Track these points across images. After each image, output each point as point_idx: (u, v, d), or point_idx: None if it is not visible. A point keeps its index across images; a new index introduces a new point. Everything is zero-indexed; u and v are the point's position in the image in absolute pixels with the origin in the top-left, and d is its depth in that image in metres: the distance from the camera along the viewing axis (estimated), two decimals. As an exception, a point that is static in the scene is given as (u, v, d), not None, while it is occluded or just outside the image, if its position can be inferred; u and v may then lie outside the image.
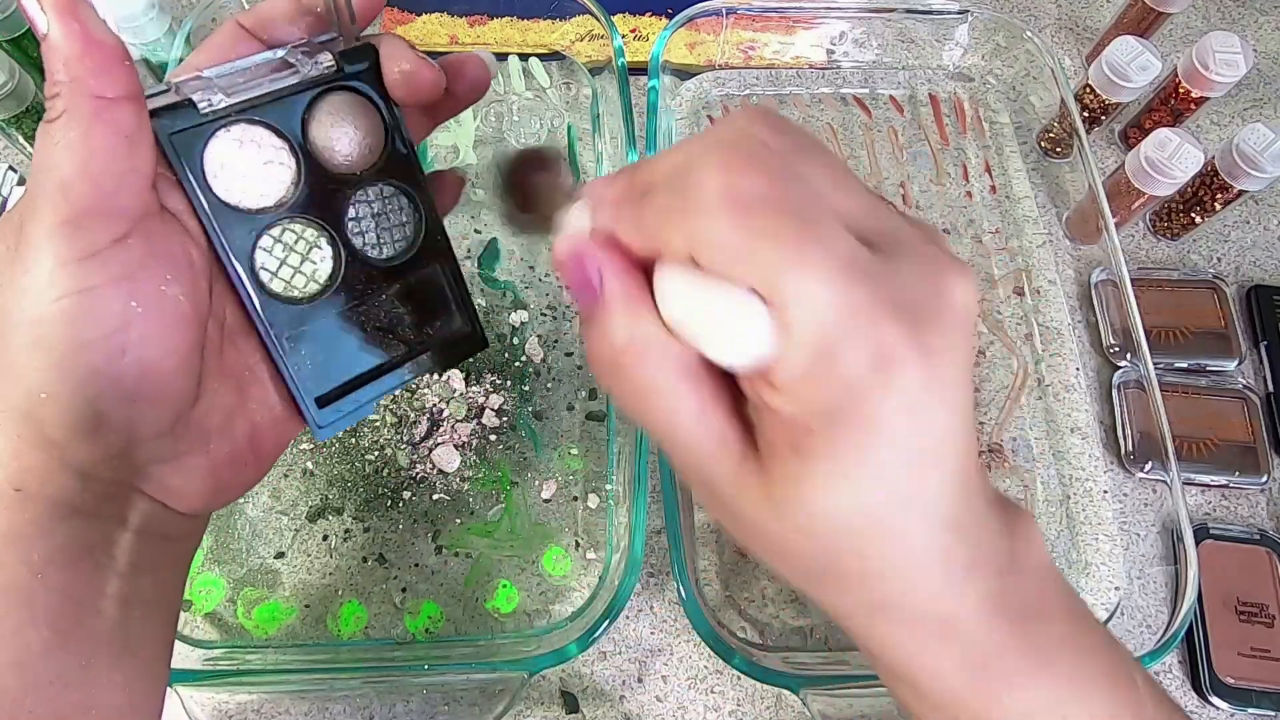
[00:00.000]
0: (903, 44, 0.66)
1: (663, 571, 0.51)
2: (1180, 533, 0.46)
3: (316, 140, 0.27)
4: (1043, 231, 0.61)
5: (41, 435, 0.24)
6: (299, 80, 0.27)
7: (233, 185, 0.26)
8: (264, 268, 0.27)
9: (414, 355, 0.31)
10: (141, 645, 0.27)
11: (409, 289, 0.31)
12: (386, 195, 0.29)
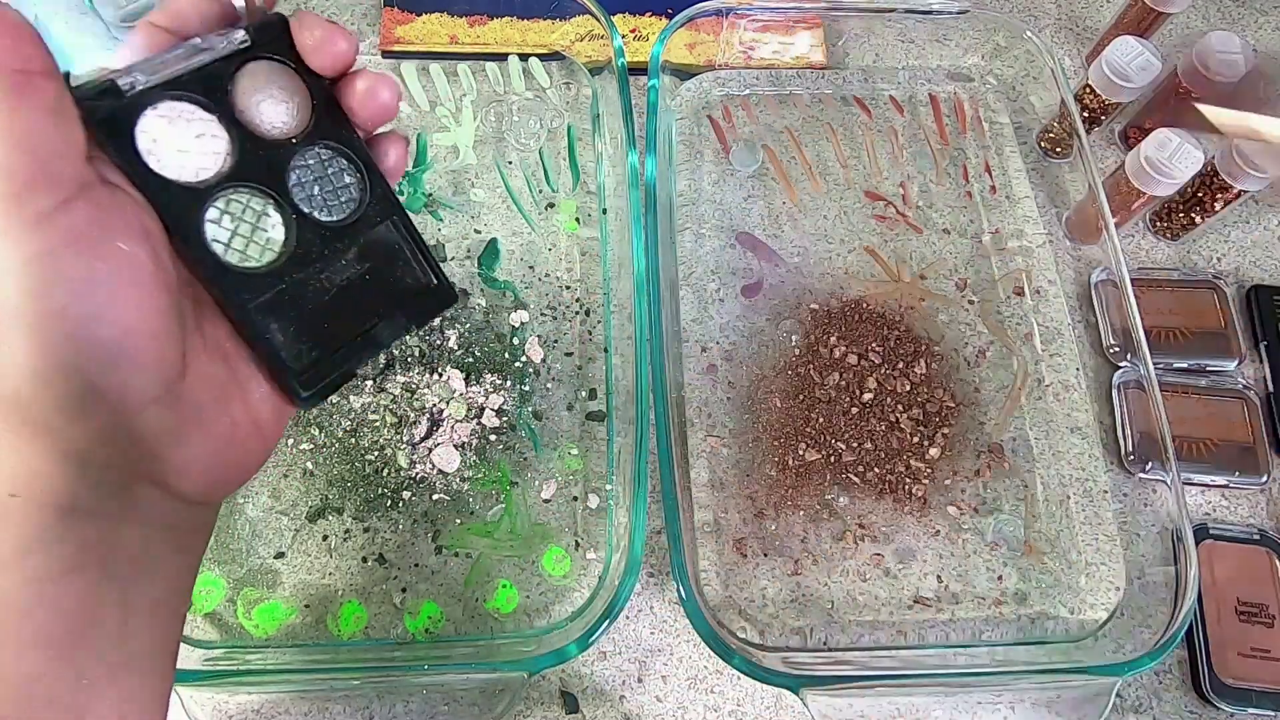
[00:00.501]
0: (903, 44, 0.66)
1: (663, 571, 0.51)
2: (1180, 533, 0.46)
3: (243, 110, 0.28)
4: (1043, 231, 0.61)
5: (34, 422, 0.23)
6: (215, 57, 0.28)
7: (168, 160, 0.27)
8: (215, 240, 0.28)
9: (386, 316, 0.32)
10: (143, 657, 0.26)
11: (365, 249, 0.31)
12: (325, 158, 0.30)
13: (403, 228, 0.32)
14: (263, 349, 0.28)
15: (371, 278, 0.31)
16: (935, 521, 0.52)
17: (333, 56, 0.29)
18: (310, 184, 0.30)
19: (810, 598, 0.50)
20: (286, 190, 0.29)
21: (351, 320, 0.31)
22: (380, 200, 0.31)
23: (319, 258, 0.30)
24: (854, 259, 0.59)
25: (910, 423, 0.53)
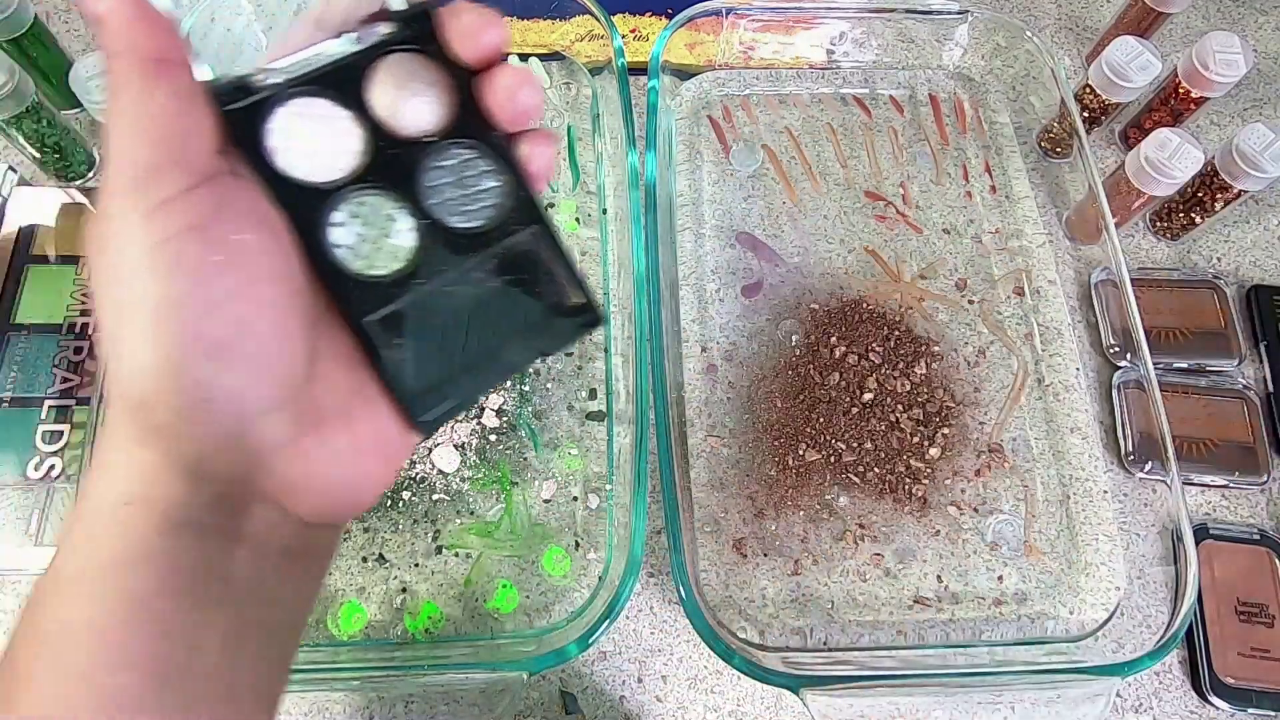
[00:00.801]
0: (903, 44, 0.66)
1: (663, 571, 0.51)
2: (1180, 533, 0.46)
3: (380, 106, 0.26)
4: (1043, 231, 0.61)
5: (149, 425, 0.22)
6: (354, 50, 0.26)
7: (297, 159, 0.25)
8: (341, 244, 0.26)
9: (520, 336, 0.28)
10: (247, 693, 0.24)
11: (501, 260, 0.28)
12: (465, 158, 0.27)
13: (545, 237, 0.29)
14: (383, 365, 0.26)
15: (507, 293, 0.28)
16: (935, 521, 0.52)
17: (482, 47, 0.26)
18: (446, 187, 0.27)
19: (810, 598, 0.50)
20: (419, 193, 0.27)
21: (481, 339, 0.28)
22: (523, 206, 0.28)
23: (450, 268, 0.27)
24: (854, 259, 0.59)
25: (910, 423, 0.53)
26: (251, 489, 0.24)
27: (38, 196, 0.58)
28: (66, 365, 0.53)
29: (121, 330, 0.22)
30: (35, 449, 0.51)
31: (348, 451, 0.25)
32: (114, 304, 0.22)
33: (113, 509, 0.23)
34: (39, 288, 0.55)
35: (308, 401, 0.24)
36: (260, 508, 0.24)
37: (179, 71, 0.23)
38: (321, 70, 0.25)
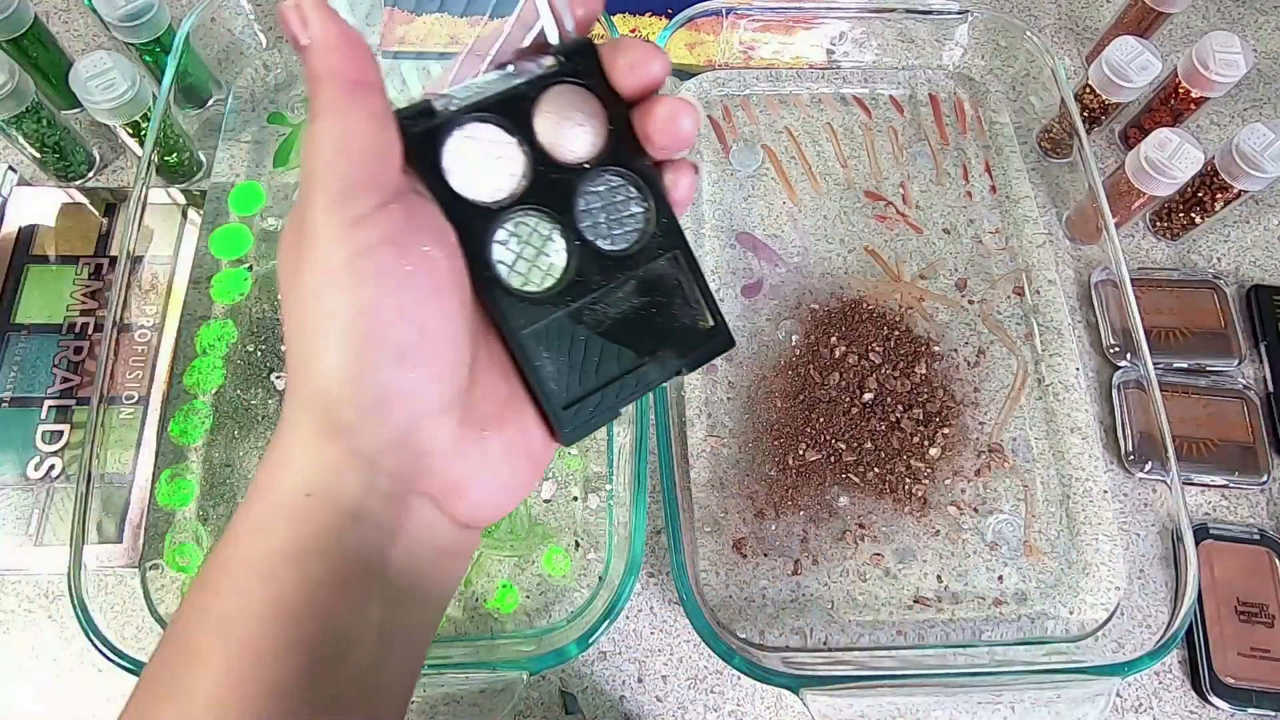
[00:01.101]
0: (903, 44, 0.66)
1: (663, 571, 0.51)
2: (1180, 533, 0.46)
3: (542, 133, 0.28)
4: (1043, 231, 0.61)
5: (334, 422, 0.24)
6: (523, 80, 0.28)
7: (467, 180, 0.27)
8: (501, 261, 0.28)
9: (657, 355, 0.30)
10: (391, 689, 0.26)
11: (645, 282, 0.30)
12: (614, 184, 0.29)
13: (685, 263, 0.30)
14: (532, 376, 0.28)
15: (647, 313, 0.30)
16: (935, 521, 0.52)
17: (646, 78, 0.28)
18: (597, 211, 0.29)
19: (810, 598, 0.50)
20: (573, 216, 0.29)
21: (621, 356, 0.30)
22: (666, 232, 0.30)
23: (596, 288, 0.29)
24: (854, 259, 0.59)
25: (910, 422, 0.53)
26: (414, 488, 0.25)
27: (38, 196, 0.58)
28: (66, 365, 0.53)
29: (314, 331, 0.24)
30: (35, 449, 0.51)
31: (500, 457, 0.27)
32: (307, 307, 0.24)
33: (293, 499, 0.24)
34: (39, 288, 0.55)
35: (469, 407, 0.26)
36: (420, 507, 0.25)
37: (376, 95, 0.25)
38: (493, 99, 0.28)
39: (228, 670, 0.23)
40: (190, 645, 0.24)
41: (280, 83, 0.63)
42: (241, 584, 0.24)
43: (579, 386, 0.29)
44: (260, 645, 0.23)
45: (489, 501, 0.27)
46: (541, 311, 0.28)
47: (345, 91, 0.24)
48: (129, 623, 0.46)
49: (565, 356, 0.28)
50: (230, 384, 0.53)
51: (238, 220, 0.57)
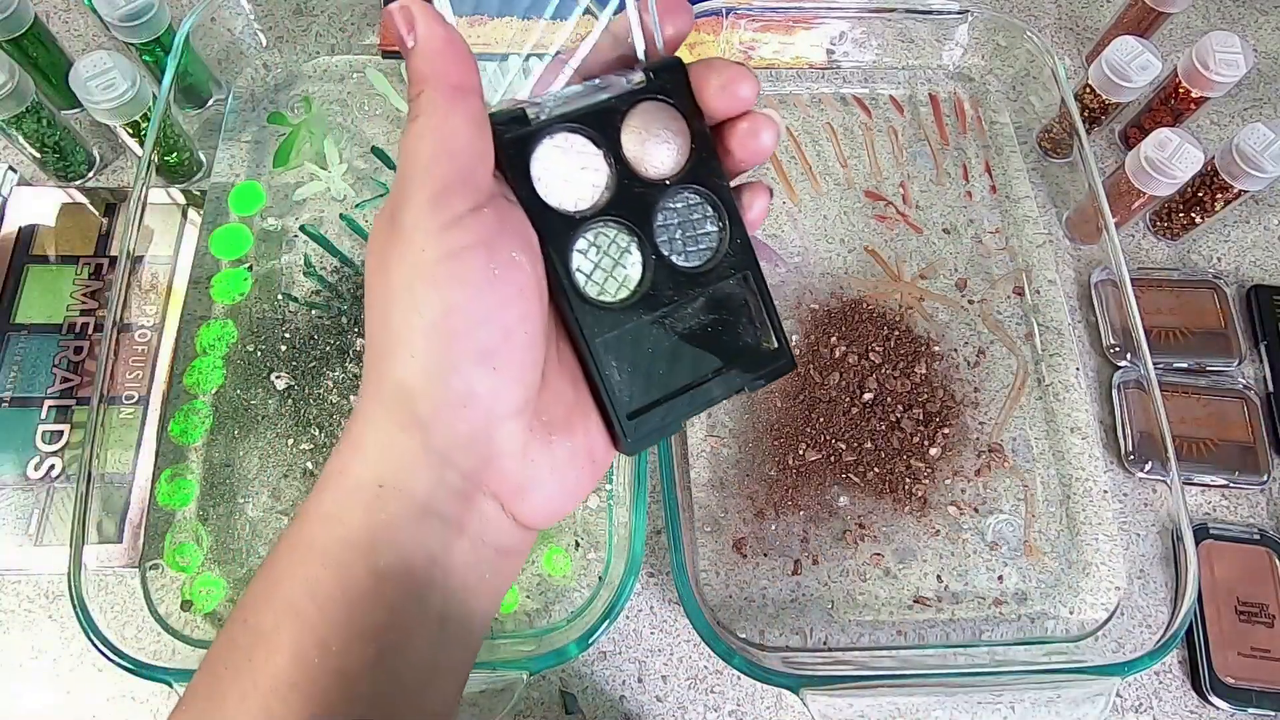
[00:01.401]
0: (903, 44, 0.66)
1: (663, 571, 0.51)
2: (1180, 533, 0.46)
3: (628, 148, 0.29)
4: (1043, 231, 0.61)
5: (411, 417, 0.24)
6: (613, 94, 0.29)
7: (553, 188, 0.28)
8: (579, 270, 0.28)
9: (721, 372, 0.31)
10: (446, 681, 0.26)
11: (714, 300, 0.31)
12: (692, 202, 0.30)
13: (754, 283, 0.31)
14: (601, 384, 0.28)
15: (713, 330, 0.31)
16: (935, 521, 0.52)
17: (736, 100, 0.29)
18: (674, 227, 0.30)
19: (810, 598, 0.50)
20: (651, 230, 0.29)
21: (686, 371, 0.30)
22: (738, 252, 0.31)
23: (667, 302, 0.29)
24: (854, 259, 0.59)
25: (911, 422, 0.53)
26: (482, 487, 0.26)
27: (38, 196, 0.58)
28: (66, 365, 0.53)
29: (399, 326, 0.24)
30: (35, 449, 0.51)
31: (565, 461, 0.27)
32: (394, 302, 0.24)
33: (366, 489, 0.25)
34: (39, 288, 0.55)
35: (539, 411, 0.27)
36: (485, 505, 0.26)
37: (476, 99, 0.25)
38: (584, 110, 0.28)
39: (295, 655, 0.23)
40: (258, 628, 0.24)
41: (280, 83, 0.63)
42: (312, 571, 0.24)
43: (644, 397, 0.29)
44: (328, 632, 0.23)
45: (550, 505, 0.27)
46: (614, 321, 0.28)
47: (447, 95, 0.25)
48: (129, 623, 0.46)
49: (632, 367, 0.29)
50: (230, 384, 0.53)
51: (238, 220, 0.57)
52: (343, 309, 0.54)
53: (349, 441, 0.25)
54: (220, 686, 0.24)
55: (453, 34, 0.25)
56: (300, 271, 0.56)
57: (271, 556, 0.25)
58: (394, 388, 0.24)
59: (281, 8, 0.62)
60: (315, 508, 0.25)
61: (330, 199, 0.59)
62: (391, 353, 0.24)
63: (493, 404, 0.25)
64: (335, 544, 0.24)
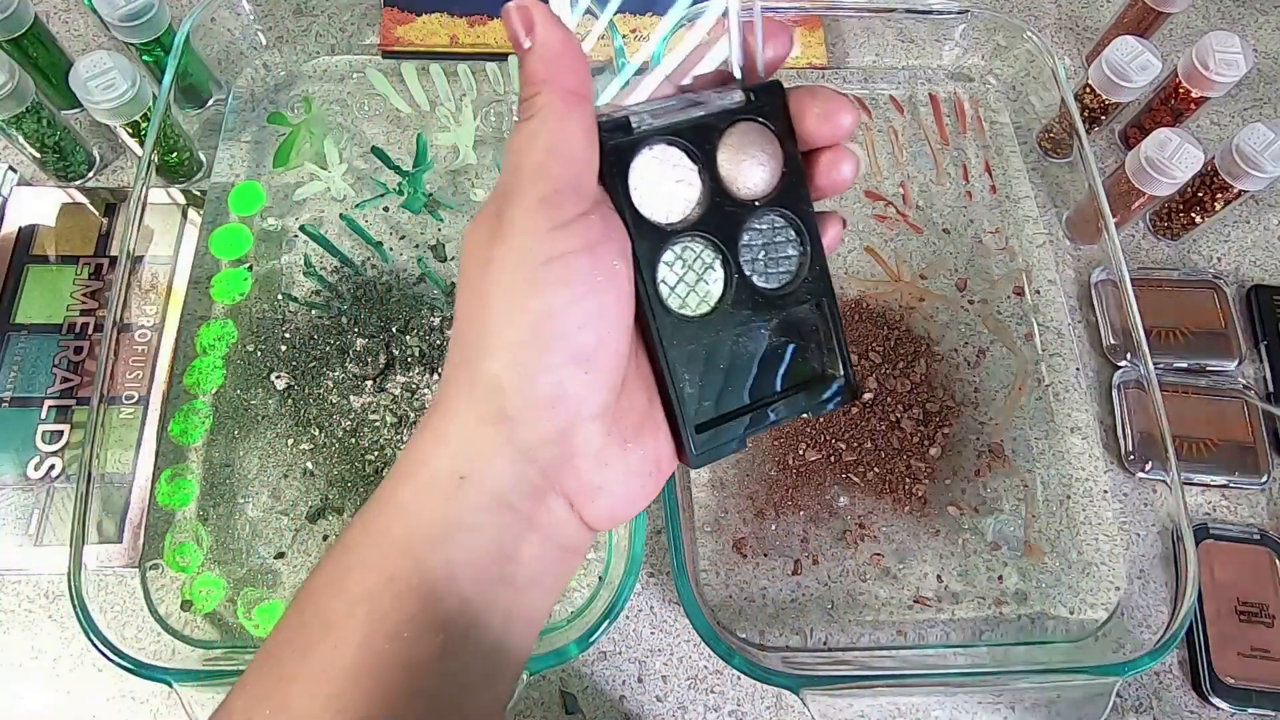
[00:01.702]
0: (902, 44, 0.66)
1: (663, 571, 0.51)
2: (1180, 533, 0.46)
3: (723, 165, 0.29)
4: (1043, 231, 0.61)
5: (501, 411, 0.25)
6: (710, 111, 0.29)
7: (647, 198, 0.28)
8: (664, 281, 0.28)
9: (786, 394, 0.31)
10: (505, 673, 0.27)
11: (788, 323, 0.31)
12: (777, 226, 0.30)
13: (829, 310, 0.31)
14: (674, 396, 0.29)
15: (783, 353, 0.31)
16: (935, 521, 0.52)
17: (836, 128, 0.29)
18: (757, 248, 0.30)
19: (810, 598, 0.50)
20: (735, 249, 0.29)
21: (754, 389, 0.31)
22: (816, 278, 0.31)
23: (743, 321, 0.30)
24: (854, 259, 0.59)
25: (910, 422, 0.53)
26: (556, 485, 0.26)
27: (38, 196, 0.58)
28: (66, 365, 0.53)
29: (496, 322, 0.25)
30: (35, 449, 0.51)
31: (635, 468, 0.28)
32: (493, 298, 0.25)
33: (446, 480, 0.25)
34: (39, 288, 0.55)
35: (616, 417, 0.27)
36: (555, 504, 0.27)
37: (589, 106, 0.26)
38: (684, 124, 0.28)
39: (366, 644, 0.24)
40: (327, 615, 0.24)
41: (280, 83, 0.63)
42: (389, 560, 0.24)
43: (712, 411, 0.30)
44: (400, 621, 0.24)
45: (616, 509, 0.28)
46: (691, 334, 0.29)
47: (564, 99, 0.25)
48: (129, 623, 0.46)
49: (703, 381, 0.30)
50: (230, 384, 0.53)
51: (238, 220, 0.57)
52: (343, 309, 0.54)
53: (430, 433, 0.26)
54: (285, 670, 0.24)
55: (571, 38, 0.26)
56: (300, 271, 0.56)
57: (341, 544, 0.26)
58: (485, 383, 0.25)
59: (281, 8, 0.62)
60: (392, 497, 0.26)
61: (330, 199, 0.59)
62: (486, 348, 0.25)
63: (580, 406, 0.25)
64: (413, 535, 0.25)
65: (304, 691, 0.23)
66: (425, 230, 0.58)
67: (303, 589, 0.26)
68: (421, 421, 0.27)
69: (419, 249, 0.57)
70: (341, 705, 0.23)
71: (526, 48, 0.25)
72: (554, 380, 0.25)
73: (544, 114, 0.25)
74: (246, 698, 0.24)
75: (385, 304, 0.54)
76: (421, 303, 0.55)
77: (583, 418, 0.26)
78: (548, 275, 0.24)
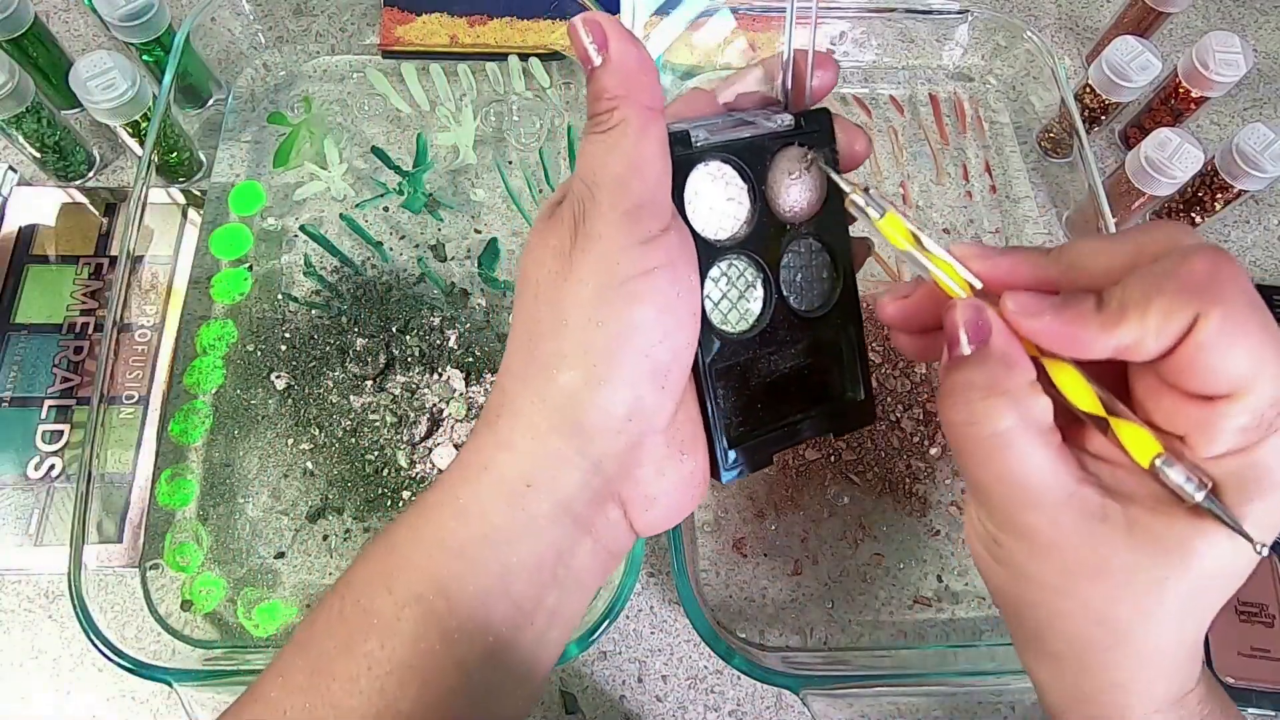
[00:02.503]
0: (903, 44, 0.66)
1: (663, 571, 0.51)
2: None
3: (772, 186, 0.30)
4: (1043, 231, 0.61)
5: (575, 422, 0.25)
6: (763, 133, 0.29)
7: (700, 213, 0.29)
8: (708, 296, 0.29)
9: (809, 414, 0.32)
10: (541, 670, 0.27)
11: (816, 345, 0.32)
12: (814, 250, 0.31)
13: (855, 335, 0.32)
14: (711, 409, 0.29)
15: (810, 374, 0.32)
16: (935, 521, 0.52)
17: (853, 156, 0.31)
18: (796, 270, 0.31)
19: (810, 598, 0.50)
20: (777, 269, 0.30)
21: (782, 408, 0.31)
22: (847, 303, 0.32)
23: (777, 341, 0.30)
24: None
25: (911, 422, 0.53)
26: (616, 493, 0.27)
27: (38, 196, 0.58)
28: (66, 365, 0.53)
29: (579, 335, 0.25)
30: (35, 449, 0.51)
31: (686, 478, 0.28)
32: (570, 307, 0.25)
33: (514, 486, 0.25)
34: (39, 288, 0.55)
35: (675, 427, 0.27)
36: (611, 510, 0.27)
37: (663, 122, 0.26)
38: (739, 144, 0.29)
39: (417, 642, 0.24)
40: (373, 611, 0.24)
41: (280, 83, 0.63)
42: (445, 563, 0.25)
43: (742, 427, 0.30)
44: (455, 623, 0.24)
45: (665, 517, 0.28)
46: (730, 350, 0.29)
47: (641, 115, 0.25)
48: (129, 623, 0.46)
49: (737, 396, 0.30)
50: (230, 384, 0.53)
51: (238, 220, 0.57)
52: (343, 309, 0.54)
53: (494, 438, 0.26)
54: (326, 665, 0.24)
55: (645, 54, 0.25)
56: (300, 271, 0.56)
57: (385, 543, 0.26)
58: (560, 393, 0.25)
59: (281, 8, 0.62)
60: (450, 500, 0.26)
61: (330, 199, 0.59)
62: (562, 358, 0.25)
63: (652, 419, 0.26)
64: (473, 539, 0.25)
65: (346, 687, 0.24)
66: (425, 230, 0.58)
67: (341, 584, 0.26)
68: (480, 425, 0.27)
69: (419, 249, 0.57)
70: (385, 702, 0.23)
71: (598, 64, 0.25)
72: (632, 395, 0.25)
73: (621, 129, 0.25)
74: (282, 689, 0.24)
75: (385, 304, 0.54)
76: (421, 303, 0.55)
77: (652, 429, 0.26)
78: (633, 290, 0.24)
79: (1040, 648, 0.26)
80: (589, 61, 0.25)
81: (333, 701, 0.23)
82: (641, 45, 0.26)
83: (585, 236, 0.25)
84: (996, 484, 0.24)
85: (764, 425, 0.31)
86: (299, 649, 0.25)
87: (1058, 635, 0.25)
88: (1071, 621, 0.24)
